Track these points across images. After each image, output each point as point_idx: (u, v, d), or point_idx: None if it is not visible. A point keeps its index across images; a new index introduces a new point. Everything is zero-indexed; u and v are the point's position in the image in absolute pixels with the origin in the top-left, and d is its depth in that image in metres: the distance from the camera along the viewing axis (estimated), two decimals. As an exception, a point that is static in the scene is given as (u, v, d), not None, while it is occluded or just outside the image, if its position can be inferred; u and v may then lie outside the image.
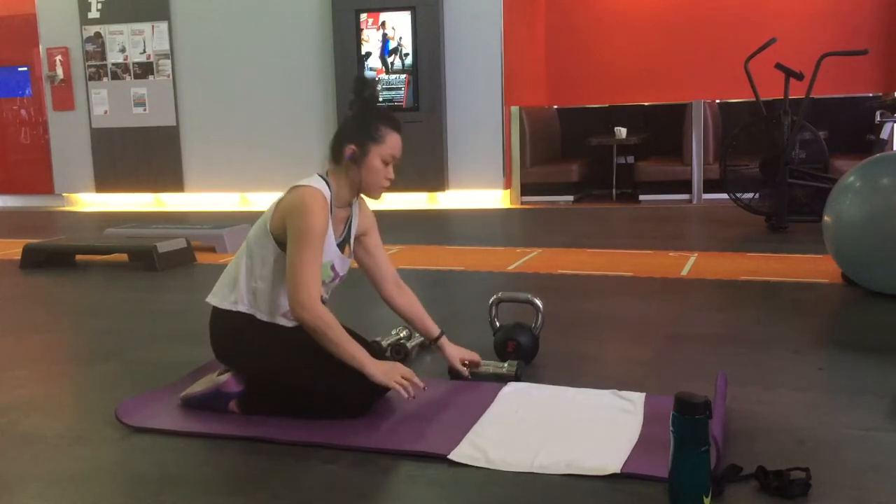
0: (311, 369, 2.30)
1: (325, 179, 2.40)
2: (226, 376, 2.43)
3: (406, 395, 2.25)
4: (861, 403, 2.35)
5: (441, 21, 7.67)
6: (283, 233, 2.31)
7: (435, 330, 2.64)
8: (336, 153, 2.41)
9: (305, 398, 2.30)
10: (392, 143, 2.43)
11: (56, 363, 3.16)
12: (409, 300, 2.63)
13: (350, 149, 2.37)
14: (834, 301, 3.75)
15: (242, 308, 2.37)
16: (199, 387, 2.45)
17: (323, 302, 2.35)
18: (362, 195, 2.51)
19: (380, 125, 2.40)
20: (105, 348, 3.26)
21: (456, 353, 2.62)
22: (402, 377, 2.26)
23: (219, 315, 2.42)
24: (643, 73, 8.78)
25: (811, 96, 5.59)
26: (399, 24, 7.70)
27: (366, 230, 2.58)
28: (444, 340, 2.63)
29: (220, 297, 2.42)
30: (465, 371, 2.60)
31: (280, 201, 2.38)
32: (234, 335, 2.39)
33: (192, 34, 8.47)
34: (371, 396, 2.34)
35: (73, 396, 2.72)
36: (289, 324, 2.39)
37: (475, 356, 2.66)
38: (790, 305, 3.62)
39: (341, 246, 2.47)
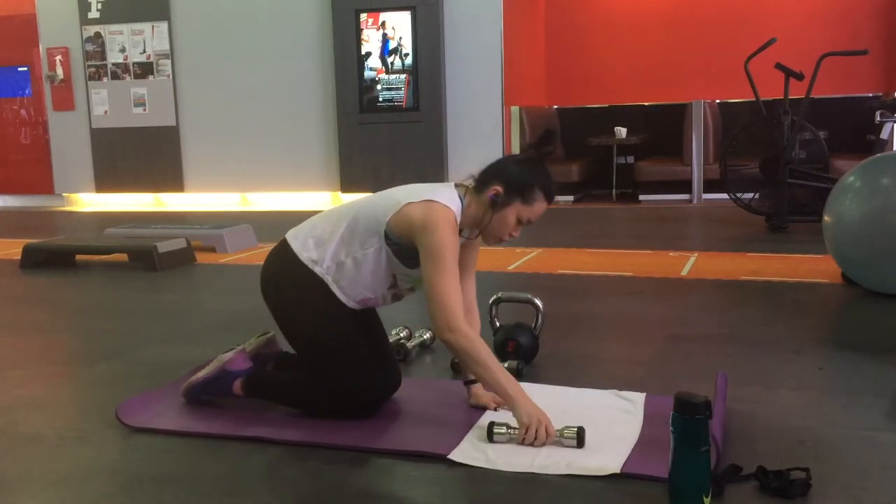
0: (347, 352, 2.27)
1: (461, 197, 2.28)
2: (231, 353, 2.44)
3: (526, 441, 2.07)
4: (861, 403, 2.35)
5: (441, 21, 7.67)
6: (403, 236, 2.21)
7: (469, 373, 2.43)
8: (482, 182, 2.27)
9: (314, 388, 2.30)
10: (537, 209, 2.26)
11: (56, 363, 3.16)
12: None
13: (495, 190, 2.23)
14: (834, 301, 3.75)
15: (318, 270, 2.29)
16: (202, 373, 2.45)
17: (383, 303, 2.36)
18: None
19: (536, 188, 2.24)
20: (105, 348, 3.26)
21: (487, 399, 2.39)
22: (542, 429, 2.08)
23: (291, 260, 2.32)
24: (643, 73, 8.78)
25: (811, 96, 5.59)
26: (399, 24, 7.70)
27: (468, 251, 2.44)
28: (476, 389, 2.41)
29: (302, 244, 2.33)
30: (492, 406, 2.36)
31: (410, 206, 2.21)
32: (297, 287, 2.32)
33: (192, 34, 8.47)
34: (382, 400, 2.35)
35: (73, 396, 2.72)
36: (358, 307, 2.35)
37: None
38: (790, 305, 3.62)
39: None
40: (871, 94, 7.85)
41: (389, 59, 7.78)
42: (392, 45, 7.75)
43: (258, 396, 2.41)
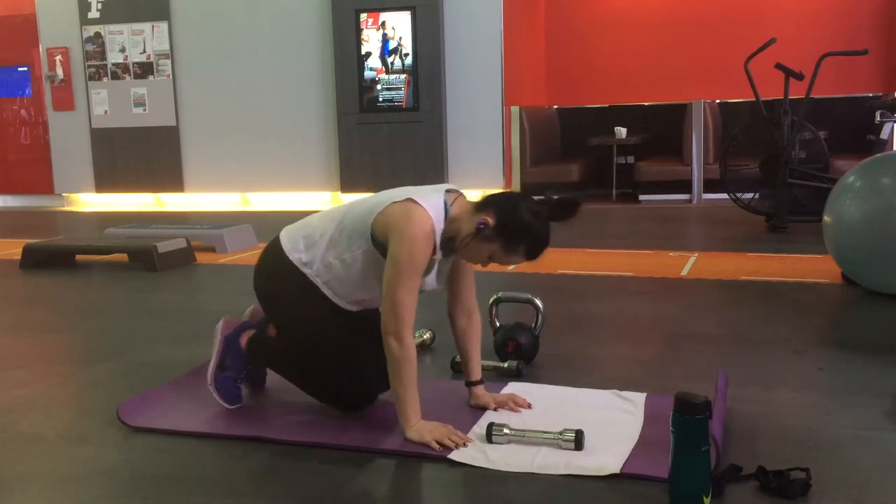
0: (335, 355, 2.28)
1: (447, 205, 2.20)
2: (221, 322, 2.52)
3: (436, 448, 2.06)
4: (861, 403, 2.35)
5: (441, 21, 7.67)
6: (382, 237, 2.18)
7: (475, 374, 2.41)
8: (484, 204, 2.17)
9: (311, 373, 2.32)
10: (513, 260, 2.18)
11: (56, 363, 3.16)
12: (468, 336, 2.41)
13: (486, 221, 2.12)
14: (834, 301, 3.75)
15: (308, 272, 2.28)
16: (213, 357, 2.48)
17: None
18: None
19: (523, 246, 2.14)
20: (105, 348, 3.26)
21: (488, 400, 2.38)
22: (443, 434, 2.09)
23: (281, 260, 2.32)
24: (643, 73, 8.78)
25: (811, 96, 5.59)
26: (399, 24, 7.70)
27: (459, 266, 2.40)
28: (477, 391, 2.40)
29: (294, 245, 2.32)
30: (492, 405, 2.36)
31: (393, 205, 2.18)
32: (287, 289, 2.32)
33: (192, 34, 8.46)
34: (373, 395, 2.35)
35: (73, 396, 2.72)
36: (352, 308, 2.34)
37: (514, 398, 2.41)
38: (790, 305, 3.62)
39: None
40: (871, 94, 7.85)
41: (389, 59, 7.77)
42: (392, 45, 7.75)
43: (259, 360, 2.45)
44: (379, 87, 7.82)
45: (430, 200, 2.17)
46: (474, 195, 2.27)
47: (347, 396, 2.32)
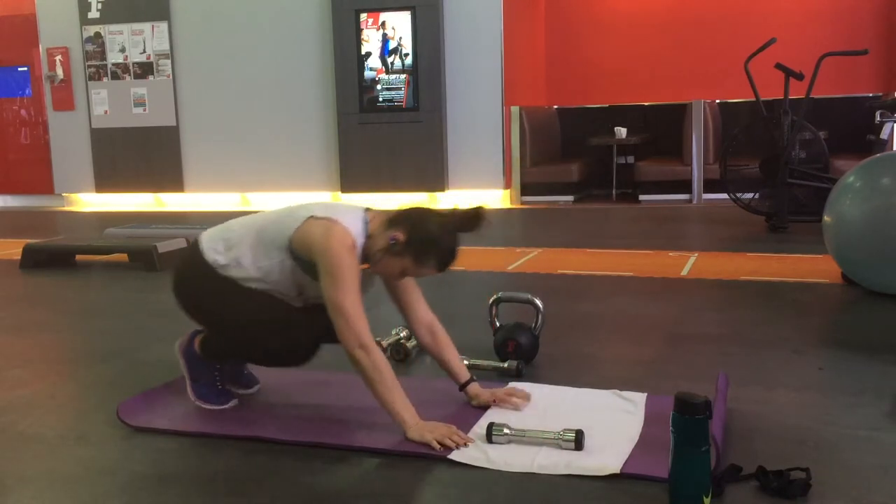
0: (267, 314, 2.30)
1: (366, 224, 2.26)
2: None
3: (437, 448, 2.06)
4: (861, 403, 2.35)
5: (441, 21, 7.67)
6: (304, 253, 2.22)
7: (462, 376, 2.42)
8: (395, 221, 2.24)
9: (250, 339, 2.33)
10: (424, 272, 2.26)
11: (56, 363, 3.16)
12: (438, 346, 2.44)
13: (396, 237, 2.20)
14: (834, 301, 3.75)
15: (227, 274, 2.31)
16: (185, 373, 2.51)
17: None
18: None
19: (432, 259, 2.22)
20: (105, 348, 3.26)
21: (487, 397, 2.39)
22: (444, 434, 2.10)
23: (199, 262, 2.33)
24: (643, 73, 8.78)
25: (811, 96, 5.59)
26: (399, 24, 7.70)
27: (399, 284, 2.42)
28: (472, 388, 2.41)
29: (213, 247, 2.34)
30: (490, 401, 2.37)
31: (311, 223, 2.22)
32: (204, 287, 2.35)
33: (192, 34, 8.46)
34: (313, 341, 2.32)
35: (73, 396, 2.72)
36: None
37: (513, 392, 2.42)
38: (790, 305, 3.62)
39: None
40: (871, 94, 7.85)
41: (389, 59, 7.77)
42: (392, 45, 7.75)
43: (212, 355, 2.45)
44: (379, 87, 7.82)
45: (348, 219, 2.23)
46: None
47: (289, 345, 2.31)
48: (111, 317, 3.89)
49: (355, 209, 2.30)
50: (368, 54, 7.80)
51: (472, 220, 2.25)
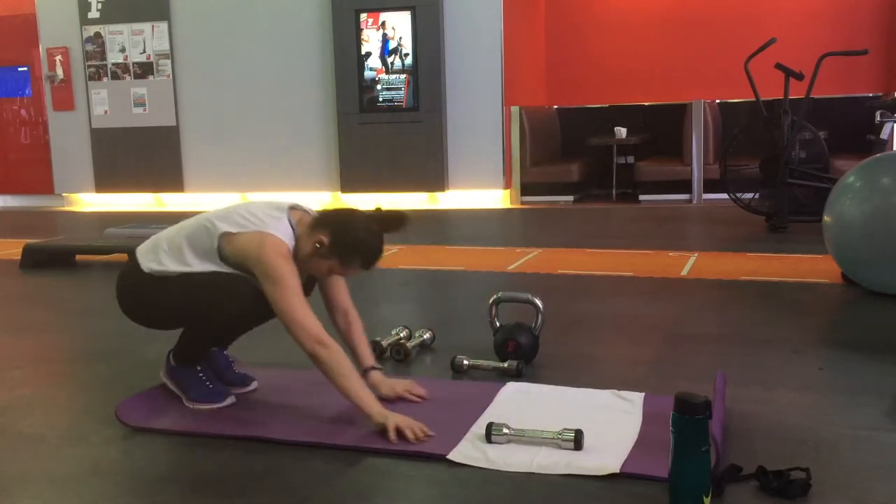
0: (209, 283, 2.32)
1: (293, 225, 2.34)
2: None
3: (393, 438, 2.11)
4: (861, 403, 2.35)
5: (441, 21, 7.67)
6: (238, 263, 2.29)
7: (366, 361, 2.48)
8: (320, 223, 2.33)
9: (206, 310, 2.34)
10: (350, 272, 2.38)
11: (56, 363, 3.16)
12: (349, 330, 2.51)
13: (320, 240, 2.29)
14: (834, 301, 3.75)
15: (165, 276, 2.36)
16: (178, 392, 2.52)
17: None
18: None
19: (357, 260, 2.32)
20: (105, 348, 3.26)
21: (387, 389, 2.43)
22: (406, 425, 2.14)
23: (139, 273, 2.38)
24: (643, 73, 8.78)
25: (811, 96, 5.59)
26: (399, 24, 7.70)
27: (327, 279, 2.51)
28: (374, 375, 2.45)
29: (148, 258, 2.40)
30: (390, 395, 2.41)
31: (242, 236, 2.28)
32: (147, 293, 2.39)
33: (192, 34, 8.46)
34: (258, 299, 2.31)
35: (73, 396, 2.72)
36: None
37: (408, 387, 2.46)
38: (790, 305, 3.62)
39: None
40: (871, 94, 7.85)
41: (389, 59, 7.77)
42: (392, 45, 7.75)
43: (186, 355, 2.48)
44: (379, 87, 7.82)
45: (278, 229, 2.29)
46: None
47: (238, 295, 2.31)
48: (111, 317, 3.86)
49: (279, 212, 2.35)
50: (368, 54, 7.80)
51: (396, 221, 2.36)
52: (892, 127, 6.42)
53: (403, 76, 7.75)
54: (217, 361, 2.60)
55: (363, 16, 7.76)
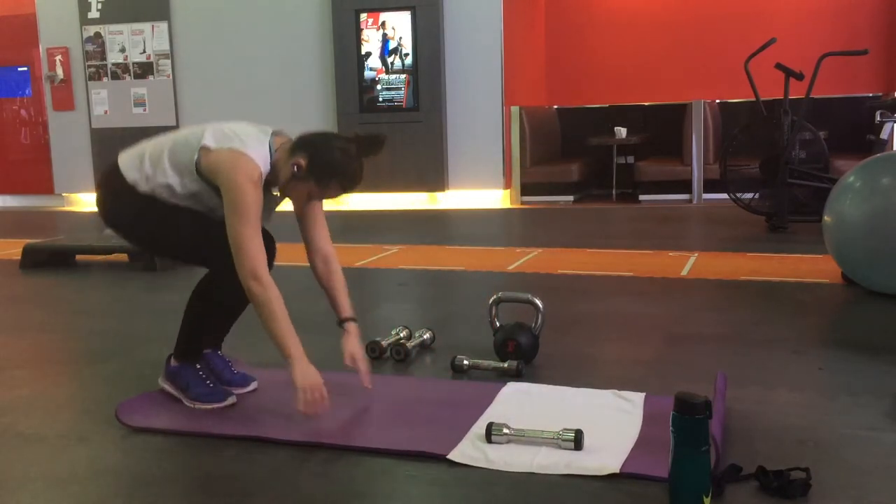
0: (202, 226, 2.37)
1: (272, 149, 2.32)
2: None
3: (300, 408, 2.20)
4: (861, 403, 2.35)
5: (441, 21, 7.67)
6: (211, 178, 2.29)
7: (344, 312, 2.50)
8: (298, 146, 2.32)
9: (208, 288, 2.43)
10: (329, 195, 2.39)
11: (56, 363, 3.16)
12: (329, 275, 2.52)
13: (298, 163, 2.29)
14: (834, 301, 3.75)
15: (145, 189, 2.36)
16: (178, 394, 2.52)
17: None
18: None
19: (335, 181, 2.34)
20: (105, 348, 3.26)
21: (350, 349, 2.47)
22: (317, 394, 2.21)
23: (120, 181, 2.39)
24: (643, 73, 8.78)
25: (811, 96, 5.59)
26: (399, 24, 7.70)
27: (308, 213, 2.52)
28: (348, 327, 2.49)
29: (129, 165, 2.39)
30: (351, 366, 2.46)
31: (218, 152, 2.27)
32: (130, 205, 2.41)
33: (192, 34, 8.46)
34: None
35: (73, 396, 2.72)
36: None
37: (364, 365, 2.47)
38: (790, 305, 3.62)
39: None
40: (871, 94, 7.85)
41: (389, 59, 7.78)
42: (392, 45, 7.75)
43: (183, 352, 2.48)
44: (379, 87, 7.82)
45: (255, 149, 2.27)
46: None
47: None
48: (111, 317, 3.89)
49: (261, 133, 2.35)
50: (368, 54, 7.81)
51: (373, 144, 2.35)
52: (892, 127, 6.42)
53: (403, 76, 7.76)
54: (214, 363, 2.59)
55: (363, 16, 7.76)
